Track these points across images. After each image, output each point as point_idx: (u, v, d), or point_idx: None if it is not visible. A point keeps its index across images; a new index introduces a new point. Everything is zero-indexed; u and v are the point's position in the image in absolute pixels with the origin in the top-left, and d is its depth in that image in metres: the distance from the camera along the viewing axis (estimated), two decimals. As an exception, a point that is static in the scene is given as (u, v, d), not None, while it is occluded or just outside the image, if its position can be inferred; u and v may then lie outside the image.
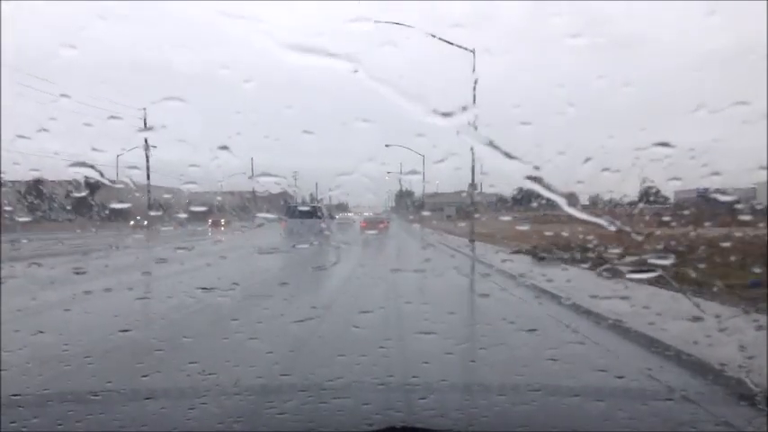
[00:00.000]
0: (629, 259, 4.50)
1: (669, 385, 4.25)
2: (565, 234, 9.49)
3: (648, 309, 6.65)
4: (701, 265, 5.01)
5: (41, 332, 6.19)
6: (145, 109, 33.01)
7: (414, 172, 27.13)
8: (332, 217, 33.58)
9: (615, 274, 5.72)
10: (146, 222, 28.95)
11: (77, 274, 11.91)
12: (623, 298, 7.10)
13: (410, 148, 29.00)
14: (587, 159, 4.17)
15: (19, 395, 2.50)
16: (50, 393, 3.13)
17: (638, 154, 3.85)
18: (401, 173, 31.91)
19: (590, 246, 6.92)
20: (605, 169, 4.37)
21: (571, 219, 3.68)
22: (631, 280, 5.68)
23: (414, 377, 3.70)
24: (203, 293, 9.69)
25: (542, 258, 13.79)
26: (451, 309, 8.36)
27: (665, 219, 5.73)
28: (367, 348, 5.36)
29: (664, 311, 6.60)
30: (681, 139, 3.47)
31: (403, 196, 51.57)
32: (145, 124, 33.34)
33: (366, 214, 39.11)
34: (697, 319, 5.80)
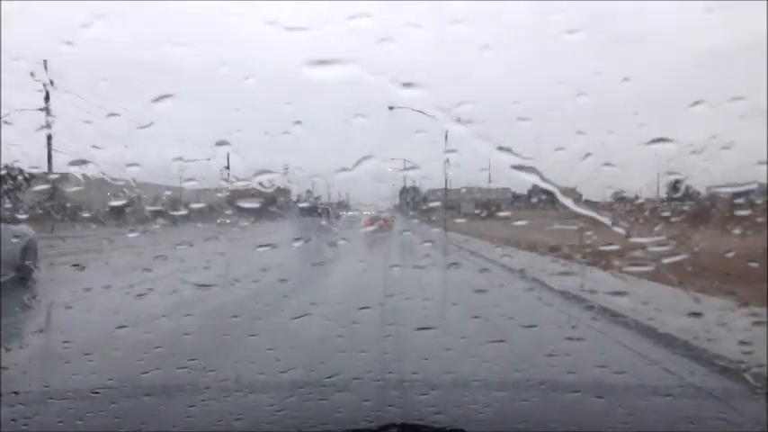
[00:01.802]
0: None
1: (669, 381, 4.24)
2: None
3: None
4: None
5: (41, 330, 6.20)
6: (45, 60, 31.03)
7: (416, 167, 26.92)
8: (337, 216, 35.37)
9: None
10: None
11: None
12: None
13: (421, 111, 26.70)
14: (587, 155, 4.16)
15: (19, 392, 2.49)
16: (51, 390, 3.13)
17: (644, 149, 3.81)
18: (404, 168, 31.43)
19: None
20: (607, 164, 4.33)
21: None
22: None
23: (413, 373, 3.70)
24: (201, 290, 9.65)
25: None
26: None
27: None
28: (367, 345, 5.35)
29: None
30: (680, 135, 3.47)
31: (406, 192, 50.47)
32: (49, 89, 31.70)
33: (366, 213, 38.81)
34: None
